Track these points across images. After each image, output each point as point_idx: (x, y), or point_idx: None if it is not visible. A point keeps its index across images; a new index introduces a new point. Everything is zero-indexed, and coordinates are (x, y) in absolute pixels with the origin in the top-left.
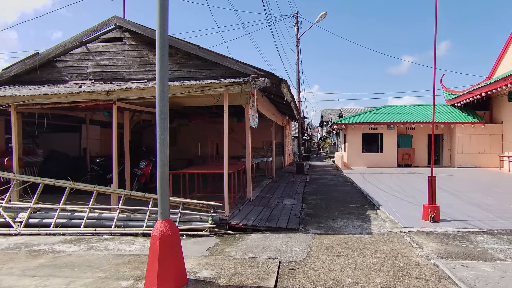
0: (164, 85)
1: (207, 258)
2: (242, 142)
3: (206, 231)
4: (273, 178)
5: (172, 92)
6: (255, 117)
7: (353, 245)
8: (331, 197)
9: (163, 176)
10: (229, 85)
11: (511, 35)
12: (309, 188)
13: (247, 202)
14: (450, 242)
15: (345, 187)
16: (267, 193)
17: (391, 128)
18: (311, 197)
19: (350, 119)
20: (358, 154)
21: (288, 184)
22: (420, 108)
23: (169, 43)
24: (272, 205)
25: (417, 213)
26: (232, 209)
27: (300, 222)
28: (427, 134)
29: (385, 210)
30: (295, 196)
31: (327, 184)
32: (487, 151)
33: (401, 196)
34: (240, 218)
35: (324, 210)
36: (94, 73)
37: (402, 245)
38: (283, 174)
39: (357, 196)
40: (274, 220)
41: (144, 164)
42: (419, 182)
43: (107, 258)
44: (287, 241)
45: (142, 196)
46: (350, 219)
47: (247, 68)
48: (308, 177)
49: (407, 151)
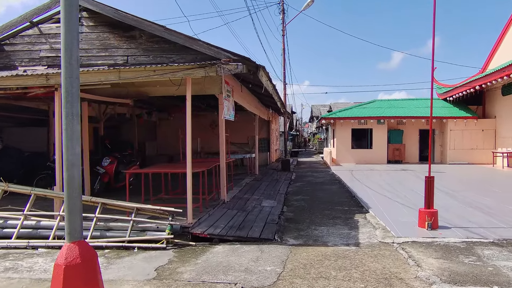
0: (72, 55)
1: (150, 284)
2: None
3: (162, 242)
4: (256, 176)
5: (123, 77)
6: (231, 109)
7: (336, 261)
8: (316, 197)
9: (71, 182)
10: (191, 68)
11: (504, 28)
12: (293, 187)
13: (220, 205)
14: (454, 257)
15: (332, 185)
16: (245, 193)
17: (381, 123)
18: (294, 198)
19: (339, 114)
20: (347, 150)
21: (270, 183)
22: (411, 102)
23: (132, 24)
24: (248, 208)
25: (412, 217)
26: (199, 214)
27: (277, 230)
28: (418, 129)
29: (375, 214)
30: (276, 197)
31: (313, 183)
32: (480, 147)
33: (392, 196)
34: (207, 226)
35: (306, 214)
36: (48, 58)
37: (396, 262)
38: (267, 171)
39: (344, 197)
40: (247, 228)
41: (108, 161)
42: (411, 180)
43: (19, 286)
44: (257, 256)
45: (88, 201)
46: (335, 225)
47: (220, 53)
48: (293, 174)
49: (397, 147)
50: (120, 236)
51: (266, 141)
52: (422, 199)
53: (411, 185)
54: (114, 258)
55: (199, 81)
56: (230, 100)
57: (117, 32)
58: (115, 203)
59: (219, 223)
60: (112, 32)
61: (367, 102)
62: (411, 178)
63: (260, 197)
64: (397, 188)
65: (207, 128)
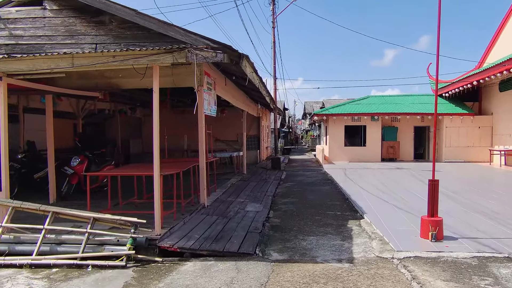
0: None
1: None
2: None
3: (122, 259)
4: (243, 175)
5: (77, 63)
6: (213, 103)
7: (326, 285)
8: (306, 200)
9: None
10: (156, 53)
11: (502, 22)
12: (282, 187)
13: (199, 210)
14: (467, 279)
15: (323, 186)
16: (230, 195)
17: (375, 120)
18: (282, 201)
19: (332, 110)
20: (340, 147)
21: (258, 183)
22: (405, 98)
23: (100, 7)
24: (230, 214)
25: (412, 225)
26: (173, 222)
27: (260, 241)
28: (413, 126)
29: (371, 221)
30: (262, 200)
31: (304, 183)
32: (476, 145)
33: (388, 199)
34: (178, 237)
35: (295, 220)
36: (7, 46)
37: (397, 286)
38: (256, 170)
39: (337, 199)
40: (225, 239)
41: (77, 161)
42: (407, 179)
43: None
44: (231, 278)
45: (37, 209)
46: (326, 235)
47: (198, 40)
48: (284, 173)
49: (392, 145)
50: (73, 251)
51: (256, 139)
52: (420, 201)
53: (407, 185)
54: (59, 280)
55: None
56: (211, 94)
57: (85, 17)
58: (68, 212)
59: (193, 233)
60: (79, 17)
61: (361, 98)
62: (406, 178)
63: (245, 200)
64: (393, 188)
65: (194, 125)
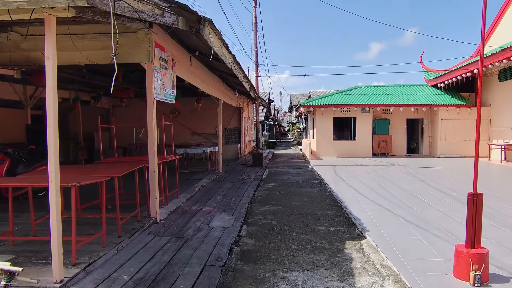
0: None
1: None
2: (191, 126)
3: None
4: (218, 174)
5: None
6: (170, 86)
7: None
8: (291, 208)
9: None
10: None
11: (502, 8)
12: (262, 190)
13: (146, 229)
14: None
15: (311, 188)
16: (196, 202)
17: (366, 112)
18: (260, 209)
19: (319, 101)
20: (328, 141)
21: (235, 184)
22: (398, 88)
23: None
24: (188, 233)
25: (434, 251)
26: (101, 251)
27: (221, 283)
28: (406, 119)
29: (376, 245)
30: (236, 208)
31: (289, 183)
32: (473, 139)
33: (392, 206)
34: (95, 282)
35: (274, 241)
36: None
37: None
38: (235, 167)
39: (328, 207)
40: (168, 281)
41: None
42: (406, 179)
43: None
44: None
45: None
46: (317, 269)
47: None
48: (266, 171)
49: (383, 138)
50: None
51: (237, 132)
52: (432, 210)
53: (409, 187)
54: None
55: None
56: (167, 74)
57: None
58: None
59: (123, 271)
60: None
61: (350, 88)
62: (404, 177)
63: (214, 209)
64: (394, 191)
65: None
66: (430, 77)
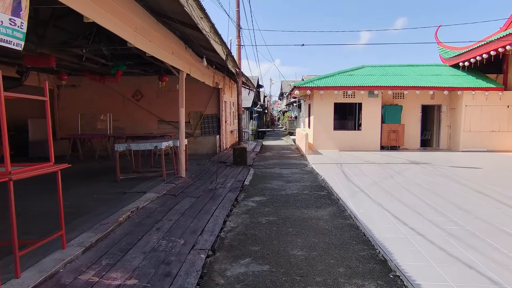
0: None
1: None
2: (157, 112)
3: None
4: (178, 181)
5: None
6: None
7: None
8: (289, 273)
9: None
10: None
11: None
12: (240, 213)
13: None
14: None
15: (319, 208)
16: (100, 258)
17: (375, 96)
18: (228, 273)
19: (318, 82)
20: (327, 131)
21: (196, 202)
22: (411, 69)
23: None
24: None
25: None
26: None
27: None
28: (420, 105)
29: None
30: (175, 276)
31: (282, 198)
32: (503, 129)
33: (480, 259)
34: None
35: None
36: None
37: None
38: (208, 167)
39: (360, 263)
40: None
41: None
42: (452, 188)
43: None
44: None
45: None
46: None
47: None
48: (251, 172)
49: (394, 128)
50: None
51: (215, 119)
52: None
53: (464, 204)
54: None
55: None
56: None
57: None
58: None
59: None
60: None
61: (355, 68)
62: (446, 183)
63: (128, 280)
64: (451, 213)
65: (128, 99)
66: (447, 55)
